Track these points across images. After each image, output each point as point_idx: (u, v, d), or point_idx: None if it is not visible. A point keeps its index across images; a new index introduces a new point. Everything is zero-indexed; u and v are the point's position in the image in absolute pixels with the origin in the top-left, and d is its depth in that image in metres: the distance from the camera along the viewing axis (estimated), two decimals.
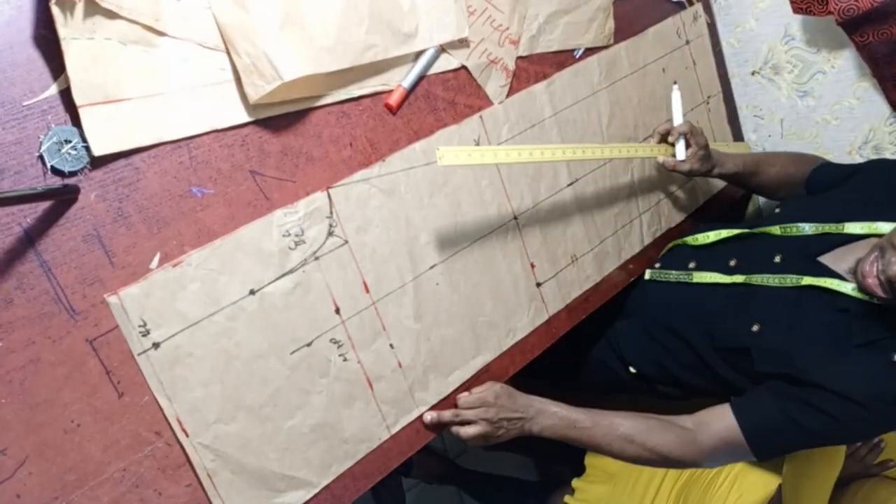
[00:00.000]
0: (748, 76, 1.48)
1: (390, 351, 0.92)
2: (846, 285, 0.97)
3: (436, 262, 0.96)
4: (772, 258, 1.08)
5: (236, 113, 0.80)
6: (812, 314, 1.00)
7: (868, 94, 1.33)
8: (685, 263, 1.21)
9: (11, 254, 0.67)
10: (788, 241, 1.08)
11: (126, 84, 0.72)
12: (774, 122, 1.49)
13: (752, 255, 1.12)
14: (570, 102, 1.13)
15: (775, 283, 1.05)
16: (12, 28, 0.67)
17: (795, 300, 1.02)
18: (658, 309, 1.21)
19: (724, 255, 1.16)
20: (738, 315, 1.07)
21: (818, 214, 1.08)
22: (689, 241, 1.25)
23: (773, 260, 1.08)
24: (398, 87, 0.92)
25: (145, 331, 0.73)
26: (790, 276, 1.03)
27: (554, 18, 1.11)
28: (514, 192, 1.05)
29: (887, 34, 1.17)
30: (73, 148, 0.69)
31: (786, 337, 1.00)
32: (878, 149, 1.37)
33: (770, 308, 1.04)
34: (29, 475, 0.68)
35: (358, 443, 0.90)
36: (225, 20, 0.77)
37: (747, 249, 1.14)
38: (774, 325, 1.02)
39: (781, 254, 1.07)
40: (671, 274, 1.22)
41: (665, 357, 1.19)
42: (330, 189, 0.86)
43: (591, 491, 1.34)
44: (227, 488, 0.79)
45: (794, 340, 0.99)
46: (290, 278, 0.83)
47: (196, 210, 0.77)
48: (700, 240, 1.22)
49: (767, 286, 1.06)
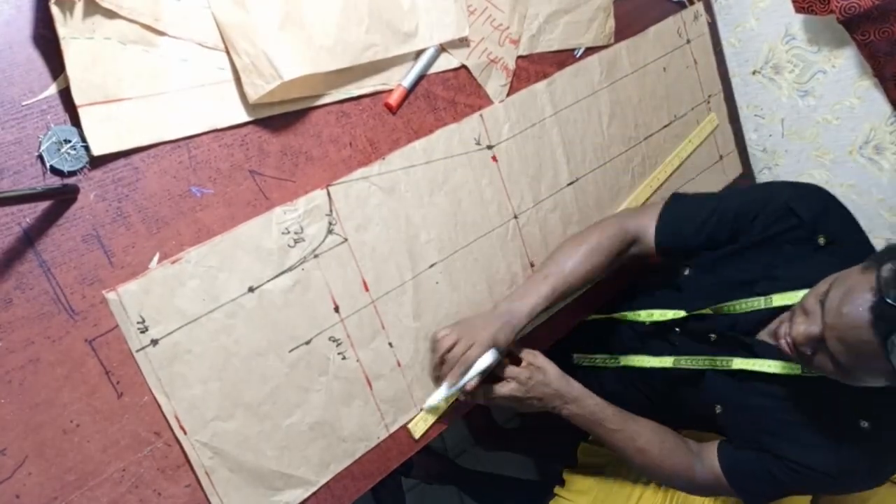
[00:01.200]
0: (749, 76, 1.48)
1: (389, 350, 0.92)
2: (775, 364, 0.94)
3: (435, 261, 0.96)
4: (707, 336, 1.03)
5: (236, 113, 0.80)
6: (756, 395, 0.97)
7: (869, 93, 1.33)
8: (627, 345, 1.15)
9: (11, 254, 0.67)
10: (721, 318, 1.01)
11: (125, 84, 0.72)
12: (775, 121, 1.49)
13: (692, 333, 1.06)
14: (571, 102, 1.13)
15: (705, 365, 1.02)
16: (12, 28, 0.67)
17: (737, 382, 0.99)
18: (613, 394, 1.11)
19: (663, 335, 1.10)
20: (696, 394, 1.04)
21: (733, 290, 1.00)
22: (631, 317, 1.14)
23: (709, 338, 1.03)
24: (398, 86, 0.92)
25: (144, 327, 0.73)
26: (721, 358, 1.00)
27: (554, 18, 1.10)
28: (514, 192, 1.05)
29: (888, 32, 1.17)
30: (73, 148, 0.69)
31: (744, 416, 0.98)
32: (879, 148, 1.36)
33: (719, 389, 1.01)
34: (28, 475, 0.68)
35: (356, 441, 0.90)
36: (224, 20, 0.77)
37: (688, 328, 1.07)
38: (731, 406, 1.00)
39: (715, 332, 1.02)
40: (596, 359, 1.17)
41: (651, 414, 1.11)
42: (329, 187, 0.86)
43: (581, 483, 1.34)
44: (224, 486, 0.79)
45: (753, 419, 0.97)
46: (289, 276, 0.83)
47: (195, 210, 0.77)
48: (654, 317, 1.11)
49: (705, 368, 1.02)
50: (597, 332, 1.21)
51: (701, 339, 1.04)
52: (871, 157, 1.38)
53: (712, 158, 1.40)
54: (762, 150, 1.53)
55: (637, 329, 1.14)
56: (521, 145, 1.06)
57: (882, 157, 1.37)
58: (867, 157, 1.39)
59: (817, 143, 1.45)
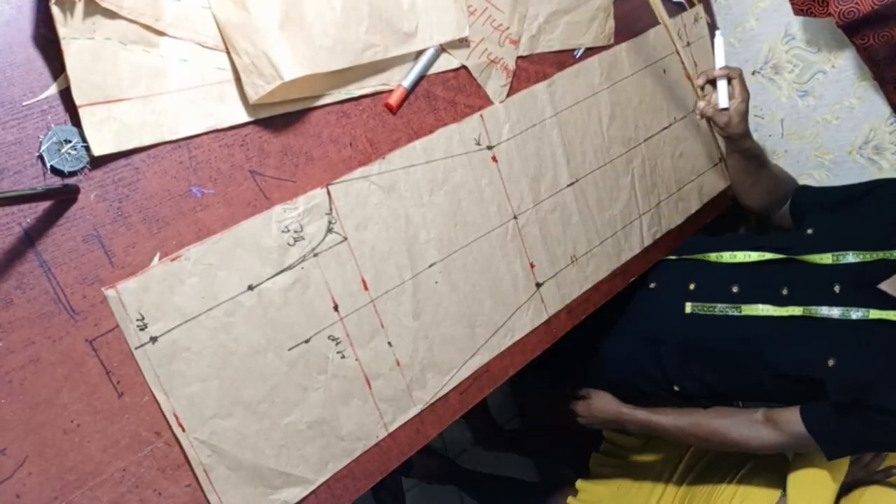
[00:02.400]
0: (748, 76, 1.48)
1: (388, 349, 0.92)
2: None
3: (435, 261, 0.97)
4: (830, 288, 1.05)
5: (236, 113, 0.80)
6: (886, 346, 0.99)
7: (868, 93, 1.33)
8: (727, 288, 1.17)
9: (11, 254, 0.67)
10: (841, 269, 1.06)
11: (126, 84, 0.72)
12: (775, 121, 1.49)
13: (806, 284, 1.09)
14: (571, 102, 1.13)
15: (837, 315, 1.03)
16: (12, 28, 0.67)
17: (865, 332, 1.01)
18: (704, 337, 1.19)
19: (771, 283, 1.13)
20: (805, 346, 1.06)
21: (861, 242, 1.06)
22: (715, 259, 1.21)
23: (833, 290, 1.05)
24: (398, 86, 0.92)
25: (143, 325, 0.73)
26: (855, 308, 1.02)
27: (554, 18, 1.10)
28: (513, 192, 1.05)
29: (887, 37, 1.16)
30: (73, 148, 0.69)
31: (864, 370, 0.99)
32: (879, 148, 1.36)
33: (840, 341, 1.02)
34: (28, 475, 0.68)
35: (355, 440, 0.90)
36: (224, 20, 0.77)
37: (797, 278, 1.11)
38: (850, 359, 1.01)
39: (839, 284, 1.05)
40: (716, 307, 1.17)
41: (713, 378, 1.18)
42: (329, 186, 0.86)
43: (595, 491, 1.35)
44: (223, 484, 0.79)
45: (873, 373, 0.98)
46: (288, 274, 0.83)
47: (196, 210, 0.77)
48: (738, 258, 1.18)
49: (831, 318, 1.04)
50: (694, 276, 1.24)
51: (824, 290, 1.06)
52: (871, 157, 1.38)
53: (712, 160, 1.41)
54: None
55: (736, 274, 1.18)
56: (521, 146, 1.06)
57: (882, 157, 1.37)
58: (867, 157, 1.39)
59: (817, 143, 1.45)
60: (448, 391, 0.99)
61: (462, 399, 1.00)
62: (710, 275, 1.22)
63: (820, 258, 1.08)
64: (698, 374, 1.19)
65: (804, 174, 1.49)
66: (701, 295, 1.21)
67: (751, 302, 1.13)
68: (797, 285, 1.10)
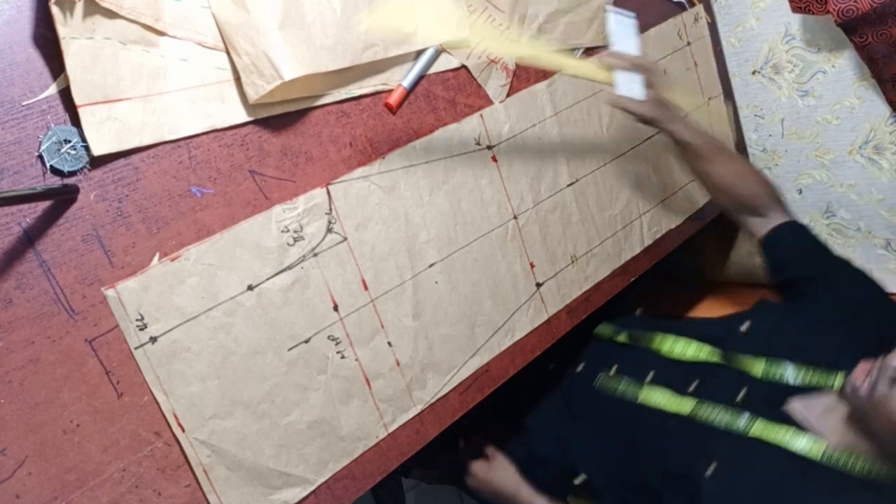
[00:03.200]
0: (749, 76, 1.48)
1: (388, 349, 0.92)
2: (801, 440, 0.85)
3: (435, 261, 0.97)
4: (736, 392, 0.94)
5: (236, 112, 0.80)
6: (763, 465, 0.87)
7: (869, 93, 1.33)
8: (644, 373, 1.06)
9: (11, 254, 0.67)
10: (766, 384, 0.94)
11: (125, 84, 0.72)
12: (775, 121, 1.49)
13: (718, 383, 0.98)
14: (571, 102, 1.13)
15: (723, 423, 0.93)
16: (12, 28, 0.67)
17: (749, 445, 0.89)
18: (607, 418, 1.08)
19: (686, 374, 1.02)
20: (692, 446, 0.95)
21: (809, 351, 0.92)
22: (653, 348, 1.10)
23: (739, 393, 0.94)
24: (398, 86, 0.92)
25: (143, 325, 0.73)
26: (741, 417, 0.91)
27: (554, 18, 1.10)
28: (513, 192, 1.05)
29: (886, 35, 1.16)
30: (73, 148, 0.69)
31: (740, 484, 0.87)
32: (879, 148, 1.36)
33: (724, 448, 0.91)
34: (28, 475, 0.68)
35: (355, 441, 0.90)
36: (224, 20, 0.77)
37: (714, 375, 0.99)
38: (730, 470, 0.89)
39: (747, 388, 0.94)
40: (619, 388, 1.07)
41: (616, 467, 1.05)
42: (329, 186, 0.86)
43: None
44: (223, 484, 0.79)
45: (748, 489, 0.86)
46: (288, 274, 0.83)
47: (195, 210, 0.77)
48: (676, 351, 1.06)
49: (720, 423, 0.93)
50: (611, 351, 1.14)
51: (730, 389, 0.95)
52: (871, 157, 1.38)
53: None
54: (762, 150, 1.53)
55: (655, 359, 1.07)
56: (521, 146, 1.06)
57: (882, 157, 1.37)
58: (867, 157, 1.39)
59: (817, 143, 1.45)
60: (448, 391, 0.99)
61: (462, 399, 1.00)
62: (632, 357, 1.13)
63: (752, 365, 0.96)
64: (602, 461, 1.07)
65: (804, 174, 1.49)
66: (617, 375, 1.11)
67: (655, 387, 1.04)
68: (708, 383, 1.00)
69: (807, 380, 0.91)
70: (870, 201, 1.41)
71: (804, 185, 1.50)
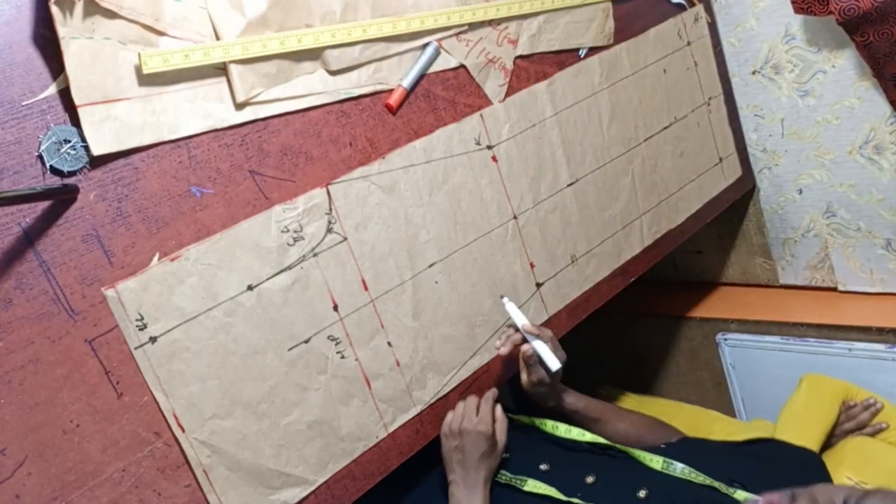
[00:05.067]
0: (749, 76, 1.48)
1: (388, 349, 0.92)
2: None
3: (435, 261, 0.97)
4: (636, 491, 0.90)
5: (236, 112, 0.80)
6: None
7: (869, 93, 1.33)
8: (536, 464, 0.99)
9: (11, 254, 0.67)
10: (663, 478, 0.91)
11: (125, 84, 0.72)
12: (775, 121, 1.48)
13: (615, 477, 0.94)
14: (571, 102, 1.13)
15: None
16: (12, 28, 0.67)
17: None
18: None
19: (582, 466, 0.97)
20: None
21: (708, 464, 0.91)
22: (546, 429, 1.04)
23: (637, 494, 0.90)
24: (398, 86, 0.92)
25: (142, 325, 0.73)
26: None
27: (554, 18, 1.10)
28: (513, 192, 1.05)
29: (888, 34, 1.16)
30: (73, 148, 0.69)
31: None
32: (879, 148, 1.36)
33: None
34: (28, 475, 0.68)
35: (355, 441, 0.90)
36: (222, 21, 0.77)
37: (611, 468, 0.95)
38: None
39: (648, 488, 0.90)
40: (504, 475, 0.98)
41: None
42: (329, 186, 0.86)
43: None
44: (223, 484, 0.79)
45: None
46: (288, 274, 0.83)
47: (195, 210, 0.77)
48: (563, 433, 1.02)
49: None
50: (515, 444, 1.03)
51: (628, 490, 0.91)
52: (871, 157, 1.38)
53: (711, 161, 1.40)
54: (762, 151, 1.53)
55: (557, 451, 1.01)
56: (521, 146, 1.06)
57: (882, 157, 1.37)
58: (867, 157, 1.39)
59: (817, 143, 1.44)
60: (448, 391, 0.99)
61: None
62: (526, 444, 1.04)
63: (650, 459, 0.94)
64: None
65: (804, 174, 1.49)
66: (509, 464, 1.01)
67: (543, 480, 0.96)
68: (604, 476, 0.95)
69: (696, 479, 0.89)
70: (870, 201, 1.41)
71: (804, 185, 1.50)
